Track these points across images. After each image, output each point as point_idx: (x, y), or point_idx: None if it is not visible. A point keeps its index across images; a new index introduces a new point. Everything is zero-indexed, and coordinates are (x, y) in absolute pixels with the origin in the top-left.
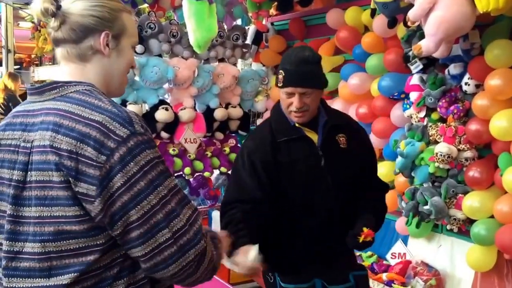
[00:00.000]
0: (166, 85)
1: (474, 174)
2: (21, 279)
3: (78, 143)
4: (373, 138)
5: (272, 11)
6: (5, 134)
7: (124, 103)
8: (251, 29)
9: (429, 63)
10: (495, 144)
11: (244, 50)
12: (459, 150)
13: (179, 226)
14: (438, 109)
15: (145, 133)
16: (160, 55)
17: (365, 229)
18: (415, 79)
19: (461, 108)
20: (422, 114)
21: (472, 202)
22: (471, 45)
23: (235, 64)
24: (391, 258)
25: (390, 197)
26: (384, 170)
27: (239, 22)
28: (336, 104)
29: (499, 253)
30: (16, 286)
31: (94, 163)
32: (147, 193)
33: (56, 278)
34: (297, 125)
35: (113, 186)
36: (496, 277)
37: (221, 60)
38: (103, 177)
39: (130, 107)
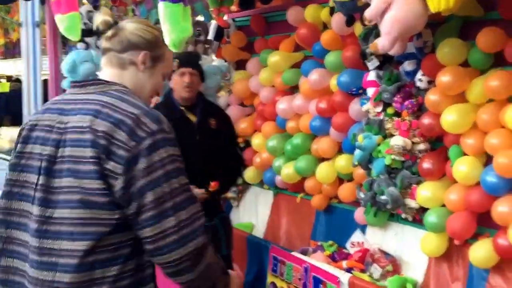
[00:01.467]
0: None
1: (427, 165)
2: (51, 241)
3: (114, 127)
4: (332, 132)
5: (233, 7)
6: (44, 116)
7: None
8: (212, 25)
9: (385, 60)
10: (446, 137)
11: (206, 45)
12: (413, 143)
13: (184, 218)
14: (394, 104)
15: (169, 132)
16: None
17: (212, 183)
18: (371, 75)
19: (414, 103)
20: (379, 108)
21: (425, 192)
22: (424, 43)
23: None
24: (351, 246)
25: (349, 189)
26: (343, 162)
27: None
28: (297, 99)
29: (450, 240)
30: (47, 247)
31: (125, 146)
32: (162, 181)
33: (77, 242)
34: (181, 108)
35: (136, 168)
36: (447, 262)
37: None
38: (130, 160)
39: None
